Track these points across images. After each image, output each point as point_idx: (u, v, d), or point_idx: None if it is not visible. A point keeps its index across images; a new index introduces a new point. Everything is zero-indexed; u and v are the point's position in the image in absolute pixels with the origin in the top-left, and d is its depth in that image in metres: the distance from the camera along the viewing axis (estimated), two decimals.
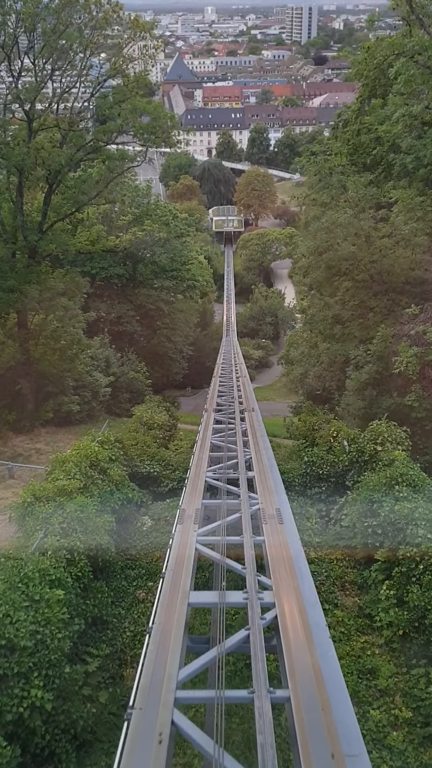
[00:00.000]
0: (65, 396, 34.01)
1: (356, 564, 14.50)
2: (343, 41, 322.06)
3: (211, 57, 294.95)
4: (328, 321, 26.42)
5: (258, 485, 11.78)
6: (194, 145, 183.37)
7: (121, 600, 13.46)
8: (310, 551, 14.36)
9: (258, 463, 13.43)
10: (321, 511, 16.15)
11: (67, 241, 31.17)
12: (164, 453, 18.29)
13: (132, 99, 26.42)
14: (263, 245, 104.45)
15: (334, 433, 19.09)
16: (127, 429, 21.53)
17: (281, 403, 58.08)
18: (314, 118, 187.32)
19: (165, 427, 21.87)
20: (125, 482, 15.11)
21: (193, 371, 60.46)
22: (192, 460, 14.10)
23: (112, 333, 51.63)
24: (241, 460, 13.25)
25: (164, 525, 15.22)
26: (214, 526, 10.01)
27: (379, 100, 31.41)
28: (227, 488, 11.69)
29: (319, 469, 16.71)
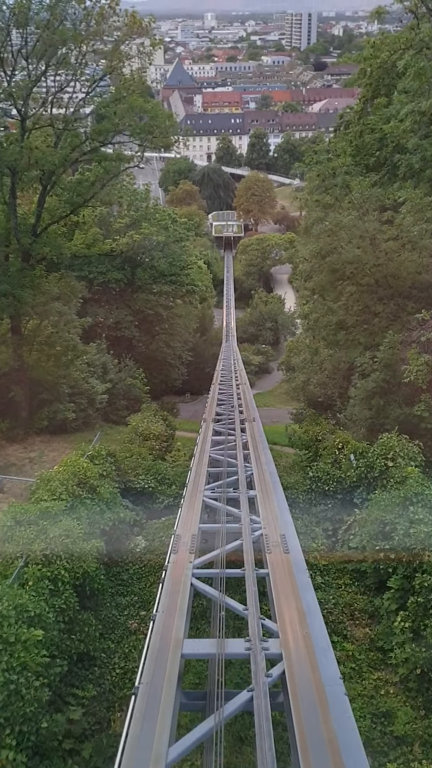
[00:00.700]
0: (60, 403, 33.24)
1: (366, 590, 13.42)
2: (343, 47, 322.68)
3: (211, 63, 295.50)
4: (331, 327, 25.43)
5: (260, 507, 10.78)
6: (194, 150, 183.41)
7: (111, 632, 12.36)
8: (316, 575, 13.32)
9: (260, 480, 12.43)
10: (327, 530, 15.08)
11: (62, 245, 30.23)
12: (160, 466, 17.26)
13: (129, 97, 25.54)
14: (263, 250, 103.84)
15: (339, 444, 18.08)
16: (122, 440, 20.51)
17: (282, 410, 57.19)
18: (314, 123, 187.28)
19: (162, 438, 20.86)
20: (117, 500, 14.04)
21: (192, 377, 59.90)
22: (189, 476, 13.09)
23: (110, 338, 50.96)
24: (242, 477, 12.25)
25: (159, 546, 14.18)
26: (212, 555, 8.99)
27: (384, 99, 30.52)
28: (227, 510, 10.67)
29: (325, 485, 15.65)
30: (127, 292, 52.35)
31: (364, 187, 27.15)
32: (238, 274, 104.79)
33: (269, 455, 15.47)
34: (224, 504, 10.79)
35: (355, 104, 35.92)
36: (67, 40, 24.28)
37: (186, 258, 52.73)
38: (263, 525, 9.89)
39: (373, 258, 23.13)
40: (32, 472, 30.26)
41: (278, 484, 12.87)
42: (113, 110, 25.30)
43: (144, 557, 14.17)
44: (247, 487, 11.76)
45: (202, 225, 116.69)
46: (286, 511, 11.23)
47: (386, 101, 30.40)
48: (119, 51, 26.86)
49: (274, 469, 14.39)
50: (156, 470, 16.92)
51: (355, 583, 13.53)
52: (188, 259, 53.31)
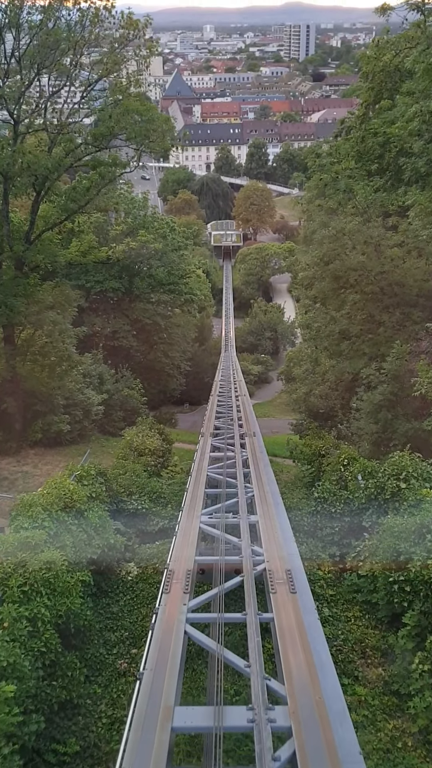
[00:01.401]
0: (55, 415, 32.45)
1: (378, 623, 12.25)
2: (341, 58, 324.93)
3: (210, 73, 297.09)
4: (334, 336, 24.48)
5: (263, 535, 9.73)
6: (193, 160, 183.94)
7: (98, 674, 11.14)
8: (323, 606, 12.23)
9: (262, 503, 11.41)
10: (334, 555, 13.99)
11: (56, 252, 29.35)
12: (155, 484, 16.22)
13: (125, 100, 24.76)
14: (262, 259, 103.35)
15: (344, 460, 17.03)
16: (115, 455, 19.47)
17: (281, 420, 56.31)
18: (312, 133, 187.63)
19: (157, 453, 19.83)
20: (106, 524, 12.93)
21: (190, 387, 59.36)
22: (184, 498, 12.06)
23: (107, 348, 50.31)
24: (242, 500, 11.21)
25: (152, 573, 13.11)
26: (209, 596, 7.95)
27: (388, 102, 29.77)
28: (225, 538, 9.62)
29: (331, 506, 14.56)
30: (124, 302, 51.89)
31: (367, 192, 26.31)
32: (237, 284, 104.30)
33: (271, 474, 14.45)
34: (223, 531, 9.75)
35: (357, 109, 35.20)
36: (61, 42, 23.52)
37: (184, 267, 52.06)
38: (266, 558, 8.84)
39: (378, 265, 22.23)
40: (25, 486, 29.35)
41: (281, 507, 11.84)
42: (108, 113, 24.51)
43: (136, 587, 13.06)
44: (247, 511, 10.72)
45: (201, 234, 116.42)
46: (291, 540, 10.18)
47: (390, 104, 29.66)
48: (115, 53, 26.13)
49: (276, 489, 13.36)
50: (151, 488, 15.88)
51: (365, 616, 12.37)
52: (187, 267, 52.61)
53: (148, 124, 25.00)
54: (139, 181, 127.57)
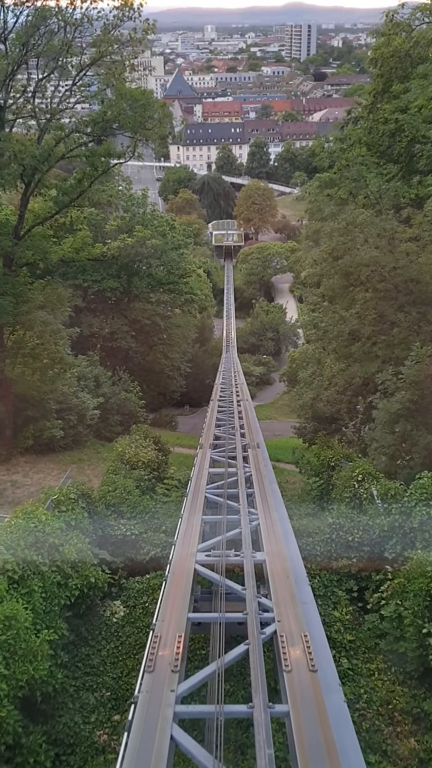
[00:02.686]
0: (47, 420, 31.06)
1: (407, 678, 10.43)
2: (342, 58, 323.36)
3: (211, 73, 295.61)
4: (343, 337, 22.72)
5: (272, 581, 7.97)
6: (194, 159, 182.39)
7: (71, 751, 9.04)
8: (341, 656, 10.47)
9: (269, 535, 9.66)
10: (351, 591, 12.24)
11: (47, 248, 27.64)
12: (148, 502, 14.47)
13: (119, 84, 23.07)
14: (264, 259, 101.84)
15: (358, 476, 15.32)
16: (106, 469, 17.73)
17: (284, 423, 54.90)
18: (314, 132, 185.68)
19: (152, 466, 18.11)
20: (87, 560, 11.06)
21: (191, 389, 58.50)
22: (178, 527, 10.31)
23: (105, 349, 49.09)
24: (246, 530, 9.47)
25: (141, 614, 11.37)
26: (205, 676, 6.18)
27: (400, 86, 27.98)
28: (227, 586, 7.88)
29: (348, 534, 12.74)
30: (123, 302, 50.62)
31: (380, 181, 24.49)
32: (239, 284, 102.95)
33: (278, 494, 12.73)
34: (223, 575, 8.02)
35: (365, 98, 33.44)
36: (49, 19, 21.83)
37: (185, 266, 50.45)
38: (277, 614, 7.09)
39: (392, 260, 20.47)
40: (13, 497, 27.76)
41: (292, 539, 10.08)
42: (101, 98, 22.83)
43: (122, 631, 11.26)
44: (252, 547, 8.97)
45: (201, 234, 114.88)
46: (305, 584, 8.43)
47: (403, 88, 27.88)
48: (109, 36, 24.43)
49: (284, 514, 11.62)
50: (143, 508, 14.13)
51: (391, 669, 10.58)
52: (187, 267, 51.03)
53: (143, 110, 23.32)
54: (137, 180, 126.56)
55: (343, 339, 22.69)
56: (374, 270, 20.67)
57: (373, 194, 23.34)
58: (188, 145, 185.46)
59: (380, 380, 18.87)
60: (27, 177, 25.20)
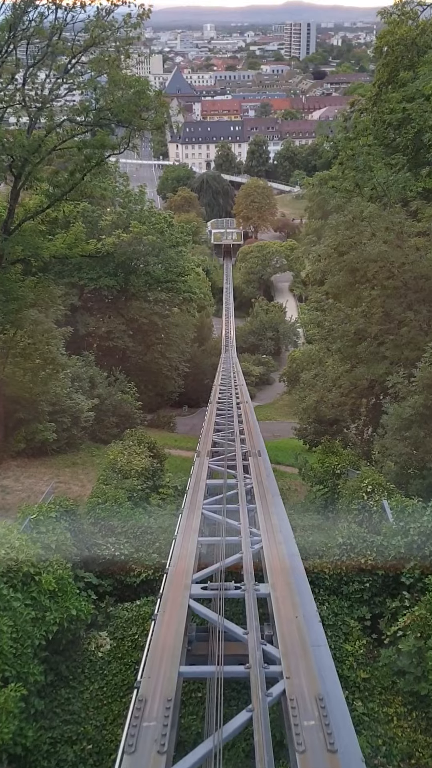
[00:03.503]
0: (39, 423, 30.11)
1: (431, 725, 9.30)
2: (342, 57, 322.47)
3: (210, 72, 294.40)
4: (349, 337, 21.59)
5: (279, 629, 6.77)
6: (193, 158, 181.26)
7: None
8: (355, 698, 9.29)
9: (274, 563, 8.50)
10: (363, 619, 11.02)
11: (38, 244, 26.49)
12: (140, 516, 13.31)
13: (112, 71, 21.93)
14: (263, 258, 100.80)
15: (368, 487, 14.20)
16: (96, 478, 16.57)
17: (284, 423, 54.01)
18: (314, 131, 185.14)
19: (146, 474, 16.98)
20: (68, 589, 9.81)
21: (189, 389, 57.84)
22: (171, 553, 9.12)
23: (101, 349, 48.27)
24: (248, 561, 8.31)
25: (130, 648, 10.17)
26: (199, 758, 5.02)
27: (408, 73, 26.77)
28: (225, 629, 6.72)
29: (360, 556, 11.53)
30: (120, 300, 49.78)
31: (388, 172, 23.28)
32: (238, 282, 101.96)
33: (282, 510, 11.58)
34: (221, 616, 6.86)
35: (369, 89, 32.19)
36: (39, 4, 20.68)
37: (183, 264, 49.37)
38: (285, 670, 5.92)
39: (401, 255, 19.33)
40: (4, 502, 26.66)
41: (301, 573, 8.86)
42: (93, 85, 21.69)
43: (108, 668, 10.02)
44: (255, 578, 7.82)
45: (200, 232, 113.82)
46: (317, 625, 7.29)
47: (410, 75, 26.68)
48: (102, 21, 23.29)
49: (289, 533, 10.48)
50: (135, 522, 12.98)
51: (412, 714, 9.36)
52: (185, 265, 49.96)
53: (138, 97, 22.17)
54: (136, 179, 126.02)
55: (348, 339, 21.55)
56: (382, 266, 19.54)
57: (380, 186, 22.18)
58: (187, 144, 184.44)
59: (391, 383, 17.72)
60: (16, 169, 24.05)
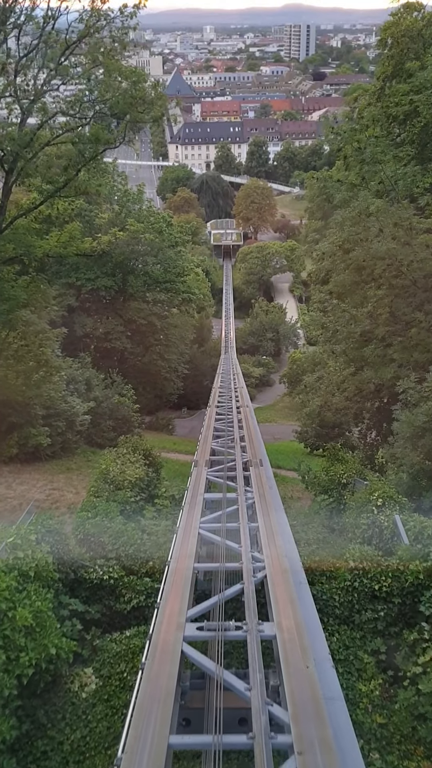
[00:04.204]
0: (32, 427, 29.18)
1: None
2: (341, 58, 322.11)
3: (210, 73, 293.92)
4: (354, 339, 20.60)
5: (287, 682, 5.75)
6: (192, 158, 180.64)
7: None
8: (370, 747, 8.25)
9: (281, 596, 7.50)
10: (378, 652, 9.99)
11: (31, 242, 25.53)
12: (132, 533, 12.28)
13: (107, 60, 20.97)
14: (263, 258, 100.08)
15: (378, 499, 13.21)
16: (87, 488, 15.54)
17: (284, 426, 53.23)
18: (314, 131, 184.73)
19: (140, 485, 15.98)
20: (48, 624, 8.60)
21: (189, 391, 57.36)
22: (163, 584, 8.10)
23: (99, 350, 47.52)
24: (251, 595, 7.30)
25: (117, 688, 9.09)
26: None
27: (416, 63, 25.74)
28: (225, 682, 5.72)
29: (374, 581, 10.47)
30: (118, 301, 49.03)
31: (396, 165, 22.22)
32: (238, 283, 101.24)
33: (287, 528, 10.58)
34: (220, 666, 5.86)
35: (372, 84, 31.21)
36: None
37: (182, 264, 48.61)
38: (297, 743, 4.82)
39: (411, 253, 18.35)
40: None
41: (309, 602, 7.89)
42: (87, 75, 20.75)
43: (92, 712, 8.86)
44: (257, 617, 6.82)
45: (200, 233, 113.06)
46: (330, 672, 6.31)
47: (418, 65, 25.65)
48: (98, 9, 22.32)
49: (296, 555, 9.47)
50: (127, 539, 11.95)
51: None
52: (184, 265, 49.18)
53: (134, 89, 21.21)
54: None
55: (353, 340, 20.56)
56: (390, 264, 18.56)
57: (388, 180, 21.16)
58: (187, 144, 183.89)
59: (401, 388, 16.72)
60: (8, 164, 23.10)
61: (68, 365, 34.23)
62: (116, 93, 20.96)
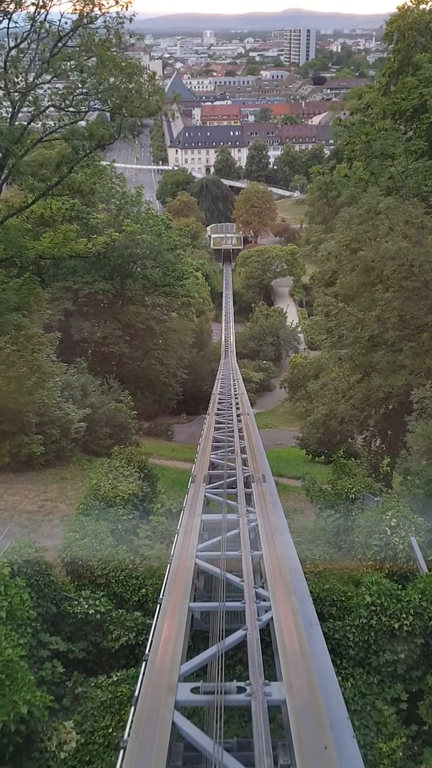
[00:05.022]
0: (25, 435, 27.88)
1: None
2: (342, 63, 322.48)
3: (210, 77, 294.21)
4: (362, 344, 19.47)
5: (298, 757, 4.67)
6: (192, 162, 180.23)
7: None
8: None
9: (287, 643, 6.39)
10: (399, 701, 8.76)
11: (22, 242, 24.47)
12: (124, 557, 11.09)
13: (100, 50, 19.95)
14: (263, 262, 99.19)
15: (391, 519, 12.09)
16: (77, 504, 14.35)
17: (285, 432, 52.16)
18: (314, 135, 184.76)
19: (134, 501, 14.83)
20: (18, 675, 7.53)
21: (188, 396, 56.54)
22: (152, 634, 6.94)
23: (96, 355, 46.54)
24: (255, 645, 6.19)
25: (102, 747, 7.89)
26: None
27: (426, 54, 24.63)
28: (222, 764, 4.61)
29: (394, 620, 9.25)
30: (116, 305, 48.09)
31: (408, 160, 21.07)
32: (238, 287, 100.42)
33: (294, 557, 9.46)
34: (218, 744, 4.76)
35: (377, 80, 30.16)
36: None
37: (181, 267, 47.70)
38: None
39: (423, 253, 17.26)
40: None
41: (323, 652, 6.78)
42: (80, 67, 19.72)
43: None
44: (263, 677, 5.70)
45: (200, 237, 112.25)
46: (355, 758, 5.22)
47: (429, 57, 24.55)
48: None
49: (306, 592, 8.31)
50: (118, 564, 10.80)
51: None
52: (184, 268, 48.26)
53: (128, 79, 20.19)
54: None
55: (361, 346, 19.45)
56: (401, 264, 17.47)
57: (398, 175, 20.05)
58: (187, 148, 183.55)
59: (416, 398, 15.60)
60: None
61: (63, 371, 33.18)
62: (110, 85, 19.92)
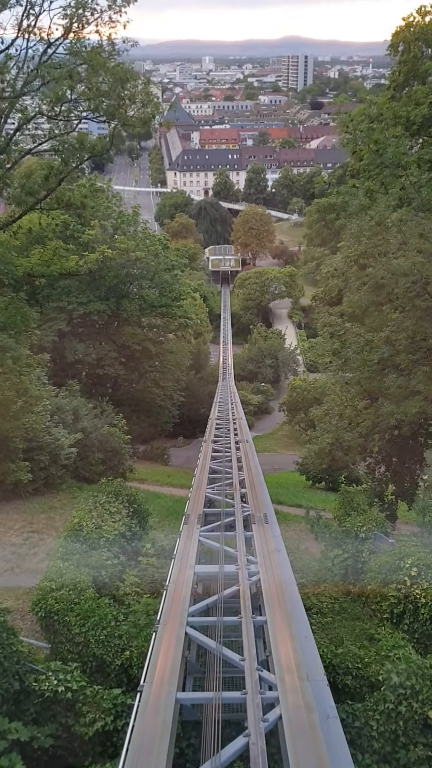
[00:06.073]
0: (11, 462, 26.49)
1: None
2: (339, 89, 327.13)
3: (209, 102, 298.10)
4: (371, 368, 18.03)
5: None
6: (191, 185, 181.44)
7: None
8: None
9: (296, 742, 4.85)
10: None
11: (9, 259, 23.20)
12: (107, 610, 9.50)
13: (90, 55, 18.87)
14: (261, 284, 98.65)
15: (411, 569, 10.53)
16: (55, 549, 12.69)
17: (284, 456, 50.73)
18: (312, 159, 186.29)
19: (120, 542, 13.19)
20: None
21: (185, 419, 55.66)
22: (132, 727, 5.42)
23: (91, 377, 45.31)
24: (260, 756, 4.67)
25: None
26: None
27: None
28: None
29: (428, 707, 7.59)
30: (111, 326, 47.16)
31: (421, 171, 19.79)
32: (236, 309, 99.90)
33: (304, 620, 7.92)
34: None
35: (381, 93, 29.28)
36: None
37: (178, 288, 46.64)
38: None
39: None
40: None
41: (344, 748, 5.28)
42: (68, 72, 18.63)
43: None
44: None
45: (198, 259, 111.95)
46: None
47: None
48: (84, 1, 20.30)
49: (320, 668, 6.80)
50: (98, 621, 9.15)
51: None
52: (181, 289, 47.25)
53: (121, 86, 19.08)
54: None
55: (369, 369, 18.01)
56: (414, 281, 16.12)
57: (411, 186, 18.77)
58: (185, 171, 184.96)
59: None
60: None
61: (53, 394, 31.72)
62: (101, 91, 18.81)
